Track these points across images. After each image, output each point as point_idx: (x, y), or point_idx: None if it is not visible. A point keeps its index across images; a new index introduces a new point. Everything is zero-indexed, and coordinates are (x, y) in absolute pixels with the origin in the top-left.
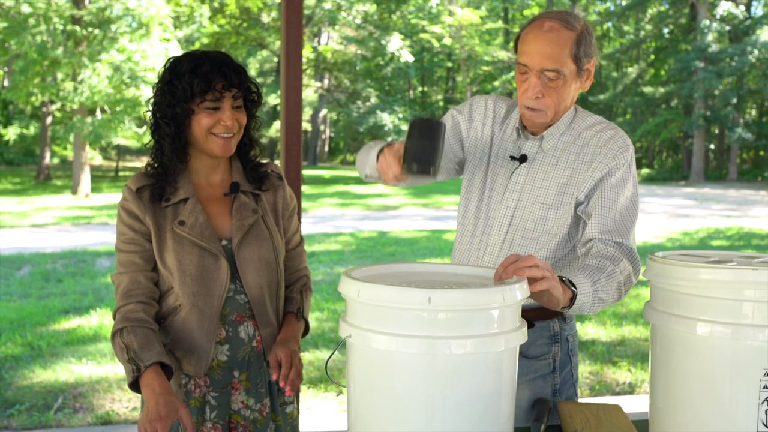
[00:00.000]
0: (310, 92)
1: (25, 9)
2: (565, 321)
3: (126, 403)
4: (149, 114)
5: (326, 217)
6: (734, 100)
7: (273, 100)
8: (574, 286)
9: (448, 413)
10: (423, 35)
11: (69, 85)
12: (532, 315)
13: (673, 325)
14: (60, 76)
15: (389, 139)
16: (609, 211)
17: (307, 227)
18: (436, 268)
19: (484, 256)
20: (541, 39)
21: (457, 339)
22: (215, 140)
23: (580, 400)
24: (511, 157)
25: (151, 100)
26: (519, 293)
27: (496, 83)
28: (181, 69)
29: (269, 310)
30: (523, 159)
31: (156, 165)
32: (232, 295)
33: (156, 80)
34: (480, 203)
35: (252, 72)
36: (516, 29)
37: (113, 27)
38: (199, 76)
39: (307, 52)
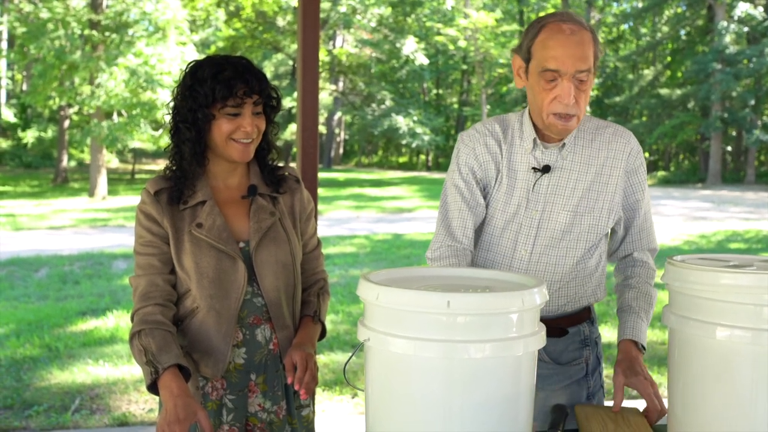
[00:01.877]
0: (325, 95)
1: (44, 14)
2: (593, 323)
3: (143, 405)
4: (168, 118)
5: (341, 219)
6: (752, 102)
7: (288, 103)
8: (644, 347)
9: (466, 417)
10: (438, 38)
11: (86, 89)
12: (565, 322)
13: (692, 329)
14: (77, 80)
15: (403, 142)
16: (644, 224)
17: (321, 230)
18: (455, 272)
19: (511, 268)
20: (569, 43)
21: (476, 343)
22: (235, 146)
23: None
24: (533, 168)
25: (171, 104)
26: (538, 297)
27: (512, 85)
28: (203, 74)
29: (286, 313)
30: (546, 169)
31: (174, 168)
32: (250, 297)
33: (175, 84)
34: (501, 215)
35: (267, 75)
36: None
37: (130, 31)
38: (221, 82)
39: (322, 55)
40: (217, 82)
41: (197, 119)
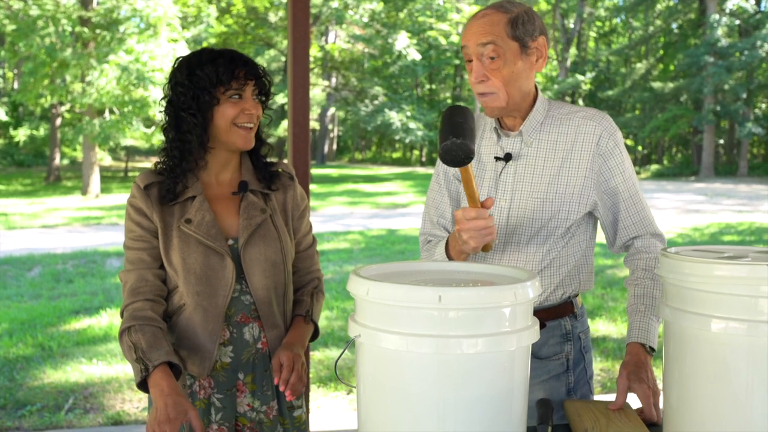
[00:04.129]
0: (317, 91)
1: (34, 11)
2: (576, 318)
3: (136, 404)
4: (162, 114)
5: (335, 215)
6: (744, 95)
7: (281, 99)
8: (653, 348)
9: (459, 413)
10: (430, 33)
11: (78, 87)
12: (544, 315)
13: (687, 321)
14: (69, 77)
15: (396, 137)
16: (633, 207)
17: (315, 226)
18: (446, 267)
19: (485, 259)
20: (475, 23)
21: (469, 338)
22: (238, 132)
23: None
24: (495, 158)
25: (164, 100)
26: (531, 291)
27: None
28: (200, 60)
29: (276, 311)
30: (508, 158)
31: (169, 162)
32: (238, 295)
33: (166, 81)
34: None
35: None
36: None
37: (121, 28)
38: (222, 65)
39: (314, 51)
40: (218, 66)
41: (203, 103)
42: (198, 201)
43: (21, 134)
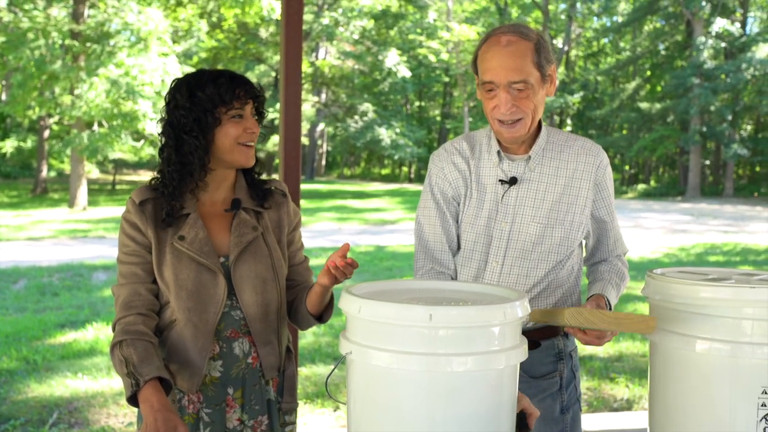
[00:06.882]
0: (307, 107)
1: (24, 23)
2: (567, 337)
3: (122, 418)
4: (160, 135)
5: (324, 231)
6: (730, 117)
7: (271, 114)
8: (610, 306)
9: (449, 430)
10: (420, 50)
11: (67, 99)
12: (538, 335)
13: (673, 342)
14: (58, 90)
15: (386, 154)
16: (617, 233)
17: (304, 241)
18: (437, 285)
19: (483, 280)
20: (502, 54)
21: (458, 356)
22: (242, 150)
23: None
24: (500, 181)
25: (163, 122)
26: (520, 310)
27: None
28: (201, 81)
29: (267, 327)
30: (513, 181)
31: (163, 183)
32: (228, 310)
33: (165, 102)
34: (471, 229)
35: None
36: None
37: (111, 41)
38: (223, 86)
39: (304, 67)
40: (220, 86)
41: (205, 124)
42: (192, 218)
43: (8, 146)
